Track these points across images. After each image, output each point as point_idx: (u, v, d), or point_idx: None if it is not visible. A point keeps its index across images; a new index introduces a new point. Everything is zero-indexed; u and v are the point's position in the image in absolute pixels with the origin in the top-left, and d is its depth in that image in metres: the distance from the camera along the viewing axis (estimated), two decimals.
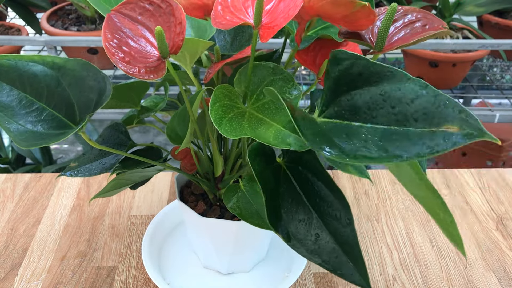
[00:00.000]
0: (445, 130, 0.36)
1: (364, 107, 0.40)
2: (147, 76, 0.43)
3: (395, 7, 0.46)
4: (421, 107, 0.37)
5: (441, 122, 0.36)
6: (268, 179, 0.47)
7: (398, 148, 0.37)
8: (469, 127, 0.35)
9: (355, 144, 0.39)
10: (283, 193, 0.48)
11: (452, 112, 0.36)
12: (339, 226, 0.47)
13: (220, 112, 0.46)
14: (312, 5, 0.45)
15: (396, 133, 0.38)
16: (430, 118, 0.37)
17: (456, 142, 0.35)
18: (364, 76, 0.41)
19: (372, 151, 0.38)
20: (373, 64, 0.40)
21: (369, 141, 0.38)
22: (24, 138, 0.46)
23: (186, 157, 0.60)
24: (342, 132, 0.40)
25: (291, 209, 0.48)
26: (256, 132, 0.45)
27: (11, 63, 0.50)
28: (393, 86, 0.39)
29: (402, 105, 0.38)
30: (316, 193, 0.49)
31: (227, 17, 0.46)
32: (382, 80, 0.40)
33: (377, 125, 0.39)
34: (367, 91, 0.40)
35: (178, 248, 0.75)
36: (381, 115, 0.39)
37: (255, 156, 0.47)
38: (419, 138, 0.36)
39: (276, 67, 0.49)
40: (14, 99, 0.49)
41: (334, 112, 0.42)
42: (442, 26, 0.47)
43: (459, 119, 0.35)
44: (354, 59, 0.41)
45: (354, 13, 0.44)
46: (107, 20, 0.45)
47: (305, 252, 0.46)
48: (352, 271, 0.46)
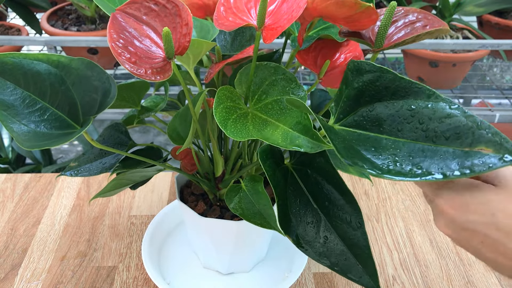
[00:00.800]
0: (479, 151, 0.36)
1: (389, 119, 0.40)
2: (154, 77, 0.43)
3: (394, 5, 0.46)
4: (452, 126, 0.37)
5: (474, 143, 0.36)
6: (279, 181, 0.47)
7: (432, 164, 0.37)
8: (505, 151, 0.35)
9: (385, 159, 0.39)
10: (290, 195, 0.48)
11: (485, 134, 0.36)
12: (349, 229, 0.47)
13: (224, 114, 0.46)
14: (315, 6, 0.45)
15: (426, 150, 0.38)
16: (462, 137, 0.37)
17: (493, 164, 0.35)
18: (390, 89, 0.41)
19: (404, 167, 0.38)
20: (400, 79, 0.40)
21: (399, 156, 0.38)
22: (27, 138, 0.46)
23: (187, 157, 0.60)
24: (368, 144, 0.40)
25: (299, 212, 0.48)
26: (263, 133, 0.45)
27: (16, 61, 0.49)
28: (421, 102, 0.39)
29: (431, 122, 0.38)
30: (326, 196, 0.49)
31: (230, 18, 0.46)
32: (409, 95, 0.40)
33: (403, 139, 0.39)
34: (392, 105, 0.41)
35: (178, 248, 0.75)
36: (408, 130, 0.39)
37: (266, 158, 0.47)
38: (453, 157, 0.36)
39: (277, 67, 0.49)
40: (18, 98, 0.49)
41: (354, 122, 0.42)
42: (442, 26, 0.47)
43: (494, 141, 0.36)
44: (381, 72, 0.41)
45: (357, 13, 0.44)
46: (112, 20, 0.45)
47: (313, 254, 0.47)
48: (361, 273, 0.46)
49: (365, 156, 0.39)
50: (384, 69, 0.41)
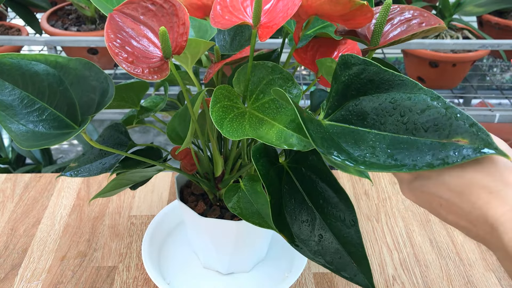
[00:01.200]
0: (455, 143, 0.35)
1: (372, 113, 0.40)
2: (151, 77, 0.43)
3: (390, 2, 0.46)
4: (431, 118, 0.37)
5: (451, 134, 0.36)
6: (272, 180, 0.47)
7: (408, 157, 0.37)
8: (480, 141, 0.34)
9: (363, 151, 0.39)
10: (285, 194, 0.48)
11: (463, 125, 0.36)
12: (343, 227, 0.47)
13: (221, 113, 0.46)
14: (310, 4, 0.45)
15: (405, 142, 0.38)
16: (440, 129, 0.36)
17: (466, 155, 0.34)
18: (374, 82, 0.40)
19: (380, 158, 0.37)
20: (384, 71, 0.40)
21: (377, 148, 0.38)
22: (26, 138, 0.46)
23: (186, 157, 0.60)
24: (349, 137, 0.40)
25: (294, 210, 0.48)
26: (258, 132, 0.45)
27: (14, 62, 0.49)
28: (403, 94, 0.39)
29: (412, 114, 0.38)
30: (320, 194, 0.49)
31: (226, 17, 0.46)
32: (392, 87, 0.40)
33: (385, 132, 0.39)
34: (376, 98, 0.40)
35: (178, 248, 0.75)
36: (390, 123, 0.39)
37: (259, 157, 0.47)
38: (429, 148, 0.36)
39: (275, 66, 0.49)
40: (16, 98, 0.49)
41: (341, 116, 0.42)
42: (438, 24, 0.47)
43: (470, 132, 0.35)
44: (365, 65, 0.41)
45: (352, 11, 0.44)
46: (109, 20, 0.45)
47: (308, 253, 0.46)
48: (356, 272, 0.46)
49: (344, 147, 0.39)
50: (368, 61, 0.41)
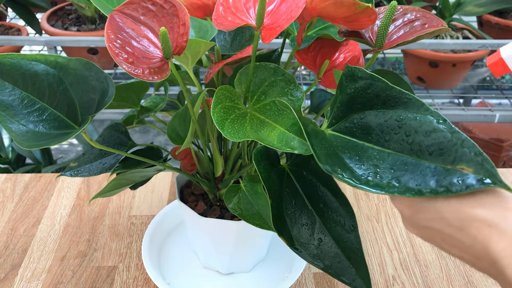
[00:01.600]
0: (460, 170, 0.35)
1: (377, 129, 0.40)
2: (151, 77, 0.43)
3: (395, 5, 0.46)
4: (437, 141, 0.37)
5: (456, 161, 0.35)
6: (273, 183, 0.47)
7: (412, 180, 0.36)
8: (485, 172, 0.34)
9: (366, 170, 0.38)
10: (286, 197, 0.48)
11: (468, 153, 0.35)
12: (343, 232, 0.47)
13: (222, 114, 0.46)
14: (314, 6, 0.45)
15: (409, 163, 0.37)
16: (445, 154, 0.36)
17: (470, 185, 0.34)
18: (381, 98, 0.40)
19: (384, 180, 0.37)
20: (391, 88, 0.40)
21: (381, 167, 0.38)
22: (26, 138, 0.46)
23: (186, 157, 0.60)
24: (353, 152, 0.40)
25: (294, 213, 0.48)
26: (259, 134, 0.45)
27: (14, 62, 0.49)
28: (409, 114, 0.39)
29: (417, 135, 0.38)
30: (320, 198, 0.49)
31: (229, 18, 0.46)
32: (399, 105, 0.39)
33: (389, 149, 0.39)
34: (382, 114, 0.40)
35: (178, 248, 0.75)
36: (395, 141, 0.39)
37: (260, 159, 0.47)
38: (433, 173, 0.36)
39: (277, 68, 0.49)
40: (16, 98, 0.49)
41: (345, 128, 0.42)
42: (441, 25, 0.47)
43: (475, 162, 0.35)
44: (372, 80, 0.41)
45: (356, 13, 0.44)
46: (109, 20, 0.45)
47: (307, 256, 0.46)
48: (354, 276, 0.46)
49: (348, 164, 0.39)
50: (375, 77, 0.41)
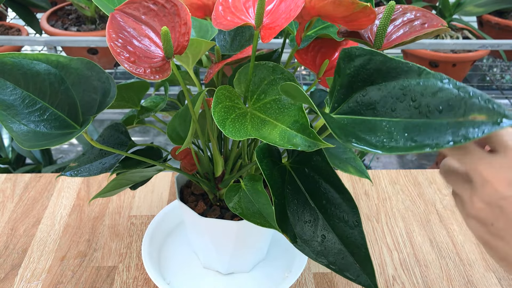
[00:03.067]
0: (472, 120, 0.35)
1: (382, 101, 0.40)
2: (153, 77, 0.43)
3: (393, 4, 0.46)
4: (445, 99, 0.37)
5: (467, 112, 0.36)
6: (276, 180, 0.47)
7: (427, 137, 0.37)
8: (498, 115, 0.34)
9: (380, 137, 0.38)
10: (288, 194, 0.48)
11: (478, 102, 0.35)
12: (347, 228, 0.47)
13: (223, 113, 0.46)
14: (313, 6, 0.45)
15: (421, 125, 0.37)
16: (455, 108, 0.36)
17: (486, 129, 0.34)
18: (381, 71, 0.40)
19: (399, 142, 0.37)
20: (390, 60, 0.40)
21: (394, 133, 0.38)
22: (27, 138, 0.46)
23: (186, 157, 0.60)
24: (363, 126, 0.40)
25: (297, 210, 0.48)
26: (261, 132, 0.45)
27: (15, 61, 0.49)
28: (412, 80, 0.39)
29: (424, 98, 0.38)
30: (323, 195, 0.49)
31: (228, 18, 0.46)
32: (400, 75, 0.40)
33: (398, 118, 0.39)
34: (384, 86, 0.40)
35: (178, 248, 0.75)
36: (402, 108, 0.39)
37: (262, 157, 0.47)
38: (446, 128, 0.36)
39: (276, 66, 0.49)
40: (17, 98, 0.49)
41: (349, 108, 0.42)
42: (441, 24, 0.47)
43: (486, 108, 0.35)
44: (371, 55, 0.41)
45: (355, 13, 0.44)
46: (111, 20, 0.45)
47: (311, 253, 0.46)
48: (358, 272, 0.46)
49: (361, 135, 0.39)
50: (374, 51, 0.41)
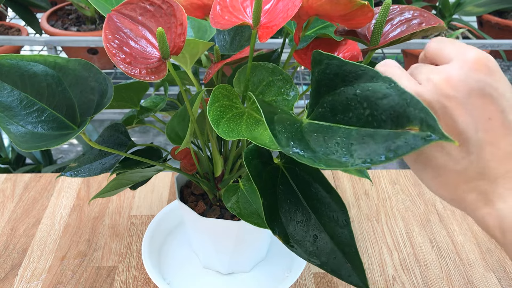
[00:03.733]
0: (408, 131, 0.34)
1: (341, 107, 0.39)
2: (148, 77, 0.43)
3: (389, 2, 0.46)
4: (388, 106, 0.35)
5: (404, 122, 0.34)
6: (265, 182, 0.47)
7: (365, 152, 0.35)
8: (428, 128, 0.32)
9: (330, 148, 0.37)
10: (281, 194, 0.48)
11: (413, 111, 0.34)
12: (337, 227, 0.47)
13: (218, 113, 0.46)
14: (311, 4, 0.45)
15: (368, 135, 0.36)
16: (396, 117, 0.35)
17: (414, 144, 0.33)
18: (339, 76, 0.39)
19: (342, 156, 0.36)
20: (345, 63, 0.39)
21: (342, 144, 0.37)
22: (25, 140, 0.46)
23: (186, 157, 0.60)
24: (322, 135, 0.39)
25: (289, 210, 0.47)
26: (253, 133, 0.45)
27: (13, 63, 0.49)
28: (364, 85, 0.37)
29: (372, 105, 0.36)
30: (314, 195, 0.49)
31: (226, 17, 0.46)
32: (356, 79, 0.38)
33: (351, 126, 0.38)
34: (343, 91, 0.39)
35: (178, 248, 0.75)
36: (355, 116, 0.38)
37: (251, 159, 0.47)
38: (385, 140, 0.34)
39: (275, 68, 0.49)
40: (15, 99, 0.49)
41: (319, 114, 0.41)
42: (438, 24, 0.47)
43: (420, 118, 0.33)
44: (328, 59, 0.40)
45: (353, 11, 0.44)
46: (107, 21, 0.45)
47: (303, 253, 0.46)
48: (350, 272, 0.46)
49: (311, 146, 0.38)
50: (330, 56, 0.40)
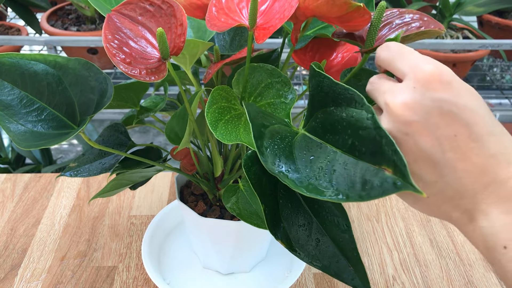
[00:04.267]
0: (383, 170, 0.33)
1: (330, 127, 0.39)
2: (148, 78, 0.43)
3: (384, 5, 0.45)
4: (366, 139, 0.35)
5: (380, 160, 0.33)
6: (265, 187, 0.46)
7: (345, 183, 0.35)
8: (399, 174, 0.32)
9: (313, 171, 0.37)
10: (282, 199, 0.48)
11: (387, 151, 0.33)
12: (338, 232, 0.47)
13: (217, 115, 0.46)
14: (307, 6, 0.45)
15: (350, 164, 0.36)
16: (374, 153, 0.34)
17: (386, 189, 0.32)
18: (330, 96, 0.39)
19: (322, 183, 0.36)
20: (336, 85, 0.39)
21: (325, 169, 0.36)
22: (24, 138, 0.46)
23: (186, 157, 0.60)
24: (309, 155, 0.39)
25: (291, 215, 0.47)
26: (250, 137, 0.44)
27: (13, 62, 0.49)
28: (351, 110, 0.37)
29: (354, 133, 0.36)
30: (315, 199, 0.49)
31: (222, 19, 0.46)
32: (345, 102, 0.38)
33: (339, 149, 0.37)
34: (333, 111, 0.39)
35: (178, 248, 0.75)
36: (342, 140, 0.37)
37: (250, 165, 0.46)
38: (363, 174, 0.34)
39: (274, 70, 0.49)
40: (15, 98, 0.49)
41: (312, 127, 0.41)
42: (439, 28, 0.47)
43: (392, 161, 0.32)
44: (320, 77, 0.40)
45: (349, 13, 0.44)
46: (107, 21, 0.45)
47: (305, 257, 0.46)
48: (353, 275, 0.46)
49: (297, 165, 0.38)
50: (322, 74, 0.39)
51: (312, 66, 0.41)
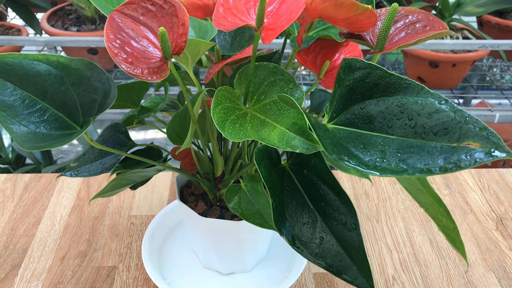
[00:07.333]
0: (466, 146, 0.36)
1: (379, 117, 0.40)
2: (150, 77, 0.43)
3: (396, 7, 0.46)
4: (440, 121, 0.37)
5: (462, 137, 0.36)
6: (274, 182, 0.47)
7: (419, 161, 0.37)
8: (491, 145, 0.35)
9: (373, 155, 0.39)
10: (287, 196, 0.48)
11: (473, 129, 0.36)
12: (345, 230, 0.47)
13: (223, 115, 0.46)
14: (314, 7, 0.45)
15: (415, 146, 0.38)
16: (450, 133, 0.37)
17: (478, 159, 0.35)
18: (380, 86, 0.41)
19: (391, 163, 0.38)
20: (390, 75, 0.40)
21: (387, 152, 0.38)
22: (27, 139, 0.46)
23: (186, 157, 0.60)
24: (357, 141, 0.40)
25: (295, 212, 0.48)
26: (260, 134, 0.45)
27: (16, 62, 0.49)
28: (410, 98, 0.39)
29: (420, 118, 0.38)
30: (322, 197, 0.49)
31: (229, 19, 0.46)
32: (398, 91, 0.40)
33: (393, 135, 0.39)
34: (382, 102, 0.41)
35: (178, 248, 0.75)
36: (398, 126, 0.39)
37: (261, 158, 0.47)
38: (440, 152, 0.36)
39: (276, 67, 0.49)
40: (17, 98, 0.49)
41: (346, 120, 0.42)
42: (442, 27, 0.47)
43: (481, 136, 0.35)
44: (371, 69, 0.41)
45: (356, 15, 0.44)
46: (109, 20, 0.45)
47: (309, 255, 0.46)
48: (356, 275, 0.46)
49: (353, 152, 0.40)
50: (373, 65, 0.41)
51: (353, 59, 0.42)
